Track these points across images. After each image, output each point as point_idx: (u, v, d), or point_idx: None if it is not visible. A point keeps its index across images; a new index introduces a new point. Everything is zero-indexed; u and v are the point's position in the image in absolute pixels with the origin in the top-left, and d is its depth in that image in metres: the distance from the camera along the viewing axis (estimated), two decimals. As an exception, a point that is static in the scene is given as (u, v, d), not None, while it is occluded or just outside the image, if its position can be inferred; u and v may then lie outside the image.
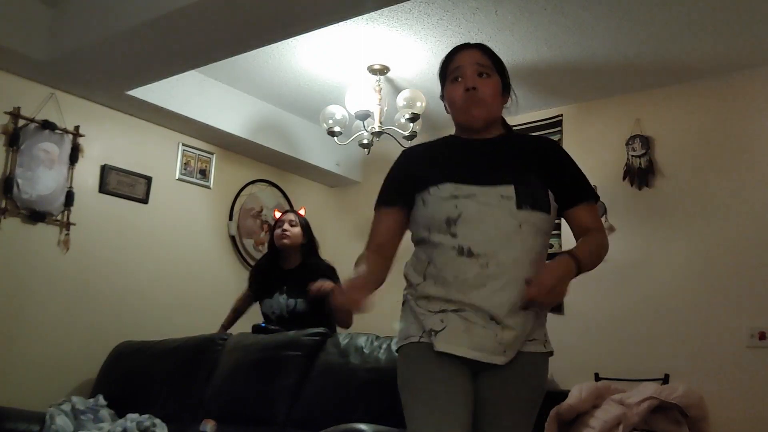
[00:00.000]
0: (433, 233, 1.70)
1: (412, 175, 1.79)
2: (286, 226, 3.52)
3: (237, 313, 3.75)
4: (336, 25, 3.24)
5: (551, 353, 1.78)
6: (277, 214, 3.75)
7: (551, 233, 1.78)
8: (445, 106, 1.87)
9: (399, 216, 1.81)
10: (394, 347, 2.69)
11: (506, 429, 1.68)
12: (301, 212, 3.72)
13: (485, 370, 1.67)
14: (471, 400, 1.66)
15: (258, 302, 3.63)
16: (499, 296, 1.61)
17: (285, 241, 3.50)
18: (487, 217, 1.65)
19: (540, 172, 1.74)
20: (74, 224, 3.76)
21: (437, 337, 1.64)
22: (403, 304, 1.80)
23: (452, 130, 1.92)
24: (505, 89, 1.85)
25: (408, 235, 1.85)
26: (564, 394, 3.52)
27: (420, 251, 1.76)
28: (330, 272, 3.45)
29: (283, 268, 3.54)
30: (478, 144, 1.80)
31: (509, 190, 1.67)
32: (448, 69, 1.83)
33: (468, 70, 1.78)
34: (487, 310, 1.61)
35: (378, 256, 1.80)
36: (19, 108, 3.58)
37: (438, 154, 1.84)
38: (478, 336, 1.61)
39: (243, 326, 3.68)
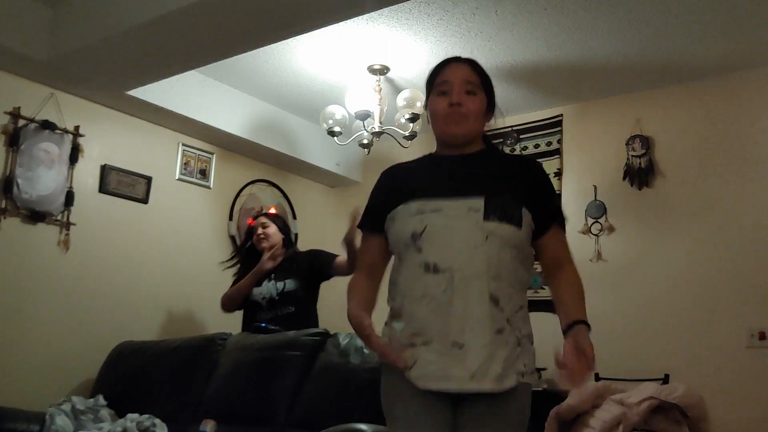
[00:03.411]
0: (402, 251, 1.69)
1: (388, 197, 1.77)
2: (259, 230, 3.67)
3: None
4: (336, 25, 3.24)
5: (531, 384, 1.69)
6: (250, 222, 3.94)
7: (529, 257, 1.72)
8: (427, 117, 1.85)
9: (383, 241, 1.79)
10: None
11: None
12: (272, 211, 3.86)
13: (463, 400, 1.62)
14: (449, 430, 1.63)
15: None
16: (463, 316, 1.57)
17: (264, 244, 3.64)
18: (453, 230, 1.63)
19: (516, 187, 1.70)
20: (74, 224, 3.75)
21: (410, 372, 1.60)
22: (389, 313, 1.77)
23: None
24: (490, 107, 1.82)
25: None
26: (564, 394, 3.52)
27: (394, 274, 1.74)
28: (314, 252, 3.69)
29: None
30: (456, 159, 1.78)
31: (478, 202, 1.63)
32: (436, 81, 1.80)
33: (456, 85, 1.75)
34: (452, 337, 1.57)
35: (370, 278, 1.81)
36: (19, 108, 3.58)
37: (415, 172, 1.83)
38: (445, 365, 1.57)
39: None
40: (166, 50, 3.34)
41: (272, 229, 3.67)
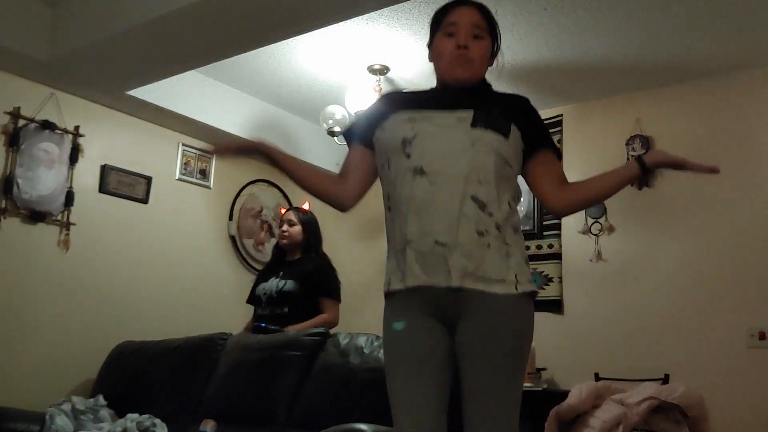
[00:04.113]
0: (390, 157, 1.73)
1: (381, 110, 1.83)
2: (285, 226, 3.67)
3: None
4: (336, 25, 3.24)
5: (532, 293, 1.69)
6: (282, 212, 3.98)
7: (516, 165, 1.74)
8: (429, 55, 1.86)
9: (365, 152, 1.85)
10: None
11: (485, 383, 1.62)
12: (305, 206, 3.83)
13: (459, 321, 1.65)
14: (445, 359, 1.67)
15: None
16: (445, 215, 1.62)
17: (284, 240, 3.66)
18: (441, 136, 1.68)
19: (506, 108, 1.76)
20: (74, 224, 3.75)
21: (404, 277, 1.66)
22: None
23: None
24: (494, 52, 1.84)
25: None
26: (564, 394, 3.52)
27: (383, 187, 1.79)
28: (323, 259, 3.63)
29: (285, 259, 3.70)
30: (451, 86, 1.82)
31: (468, 113, 1.69)
32: (443, 21, 1.80)
33: (463, 28, 1.76)
34: (433, 236, 1.61)
35: (339, 176, 1.89)
36: (19, 108, 3.58)
37: (410, 94, 1.90)
38: (427, 264, 1.62)
39: (243, 326, 3.69)
40: (166, 50, 3.34)
41: (296, 228, 3.62)
